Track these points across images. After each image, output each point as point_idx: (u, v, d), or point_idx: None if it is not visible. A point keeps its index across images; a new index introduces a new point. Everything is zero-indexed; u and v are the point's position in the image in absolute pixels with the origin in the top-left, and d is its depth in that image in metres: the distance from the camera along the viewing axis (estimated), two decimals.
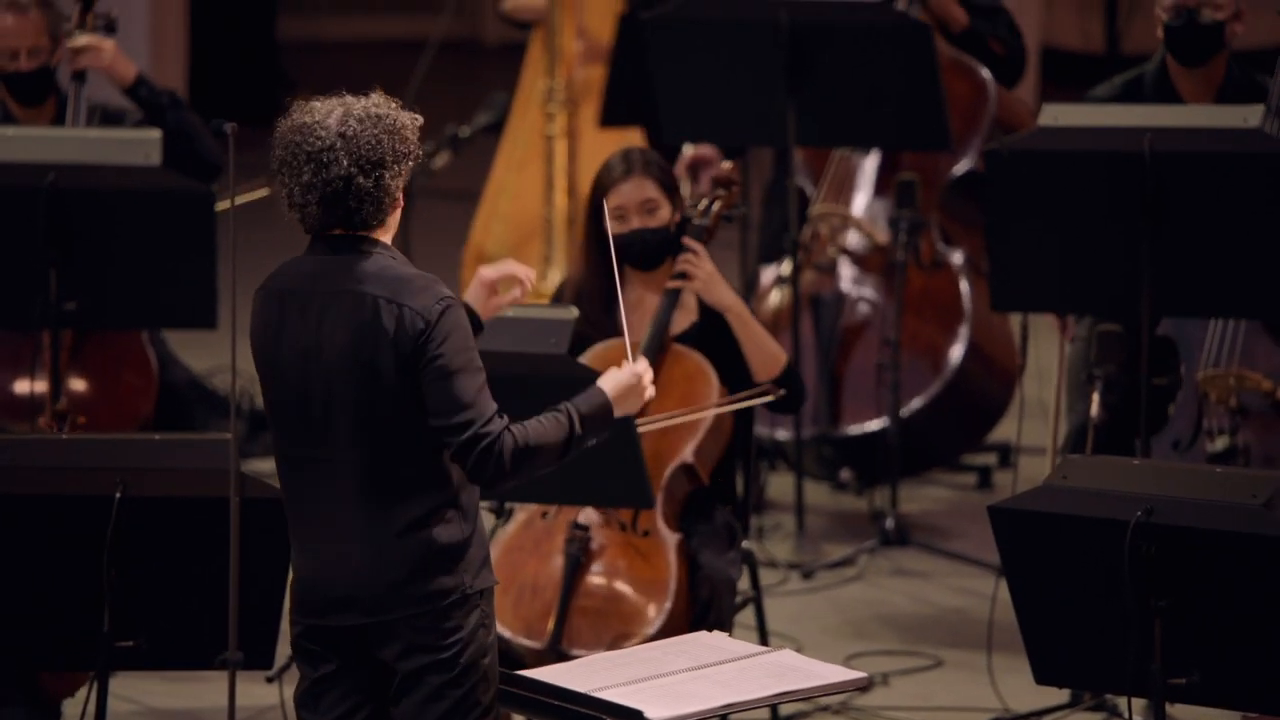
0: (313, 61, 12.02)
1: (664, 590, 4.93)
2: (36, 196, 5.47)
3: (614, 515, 4.98)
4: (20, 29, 5.84)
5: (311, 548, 3.92)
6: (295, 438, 3.91)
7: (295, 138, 3.88)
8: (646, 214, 5.11)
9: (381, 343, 3.84)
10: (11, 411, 5.79)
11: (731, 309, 5.10)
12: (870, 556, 6.36)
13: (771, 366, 5.10)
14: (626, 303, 5.17)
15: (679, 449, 5.03)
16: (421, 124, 3.95)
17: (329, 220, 3.88)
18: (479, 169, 7.89)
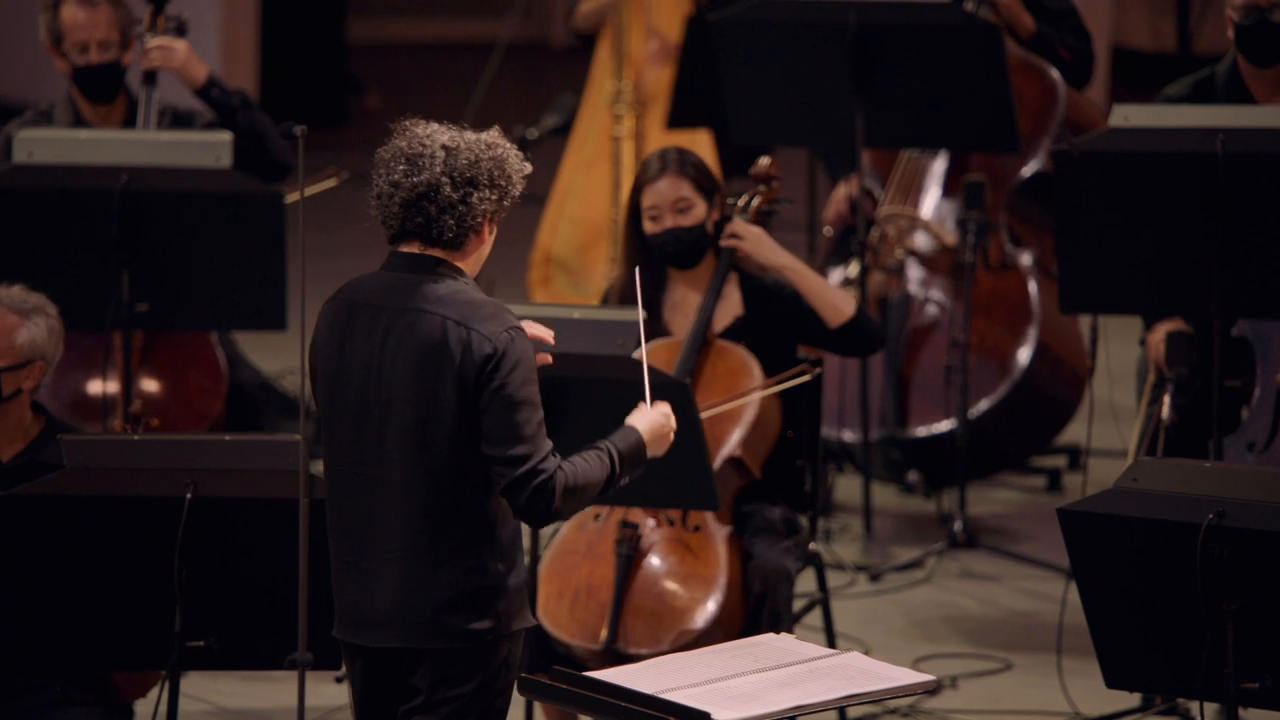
0: (381, 63, 12.08)
1: (714, 584, 4.93)
2: (109, 199, 5.51)
3: (663, 512, 4.99)
4: (91, 21, 5.89)
5: (351, 562, 3.90)
6: (347, 451, 3.89)
7: (401, 141, 3.89)
8: (679, 213, 5.13)
9: (446, 365, 3.82)
10: (84, 413, 5.83)
11: (787, 266, 5.12)
12: (938, 559, 6.34)
13: (843, 308, 5.11)
14: (669, 302, 5.20)
15: (724, 441, 5.04)
16: (529, 173, 3.94)
17: (407, 224, 3.86)
18: (546, 171, 7.90)
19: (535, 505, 3.83)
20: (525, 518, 3.88)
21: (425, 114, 4.00)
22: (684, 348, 5.08)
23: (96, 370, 5.83)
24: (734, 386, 5.07)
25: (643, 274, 5.15)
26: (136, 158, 5.59)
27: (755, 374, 5.08)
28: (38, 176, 5.58)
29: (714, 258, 5.18)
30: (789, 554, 5.03)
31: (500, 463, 3.83)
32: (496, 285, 8.21)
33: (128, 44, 6.00)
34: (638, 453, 3.97)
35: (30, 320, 4.74)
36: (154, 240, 5.54)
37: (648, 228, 5.15)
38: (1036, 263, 6.68)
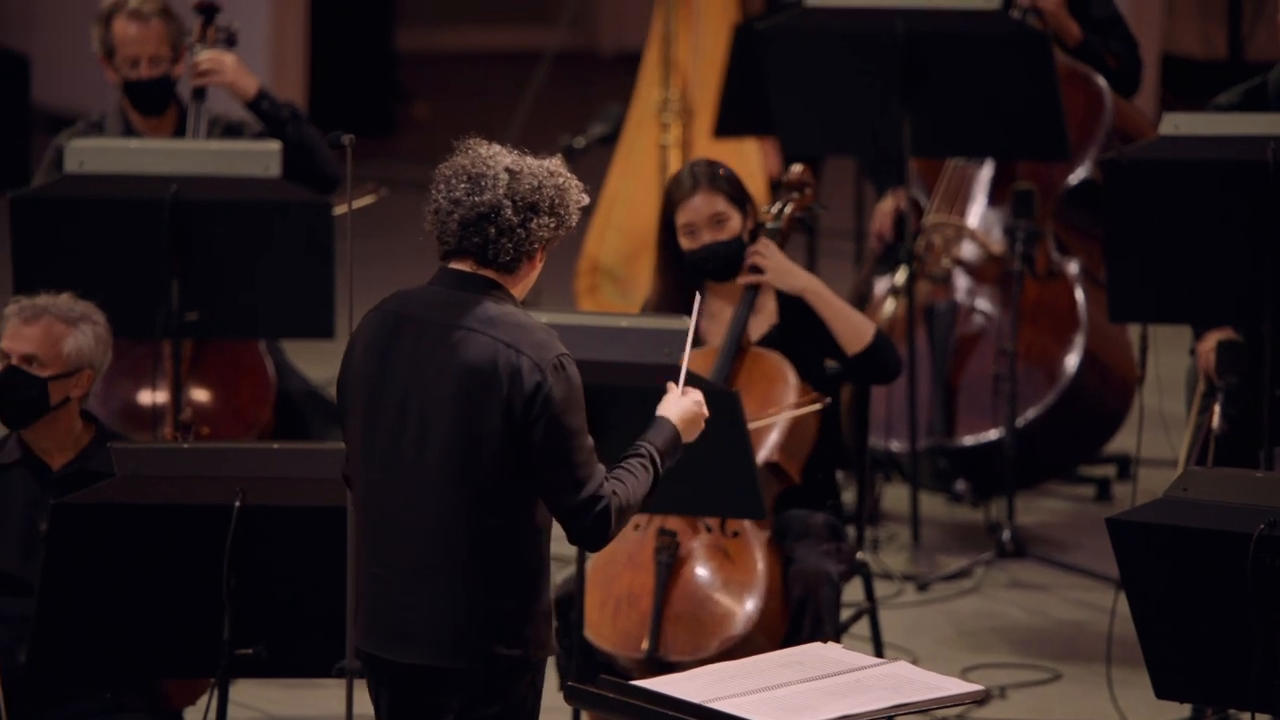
0: (430, 72, 12.10)
1: (754, 589, 4.93)
2: (159, 208, 5.54)
3: (701, 519, 4.99)
4: (142, 37, 5.92)
5: (382, 576, 3.88)
6: (381, 463, 3.86)
7: (464, 160, 3.87)
8: (716, 226, 5.13)
9: (494, 388, 3.80)
10: (134, 421, 5.86)
11: (807, 289, 5.11)
12: (986, 568, 6.32)
13: (862, 335, 5.10)
14: (706, 313, 5.20)
15: (760, 446, 5.03)
16: (584, 203, 3.93)
17: (464, 243, 3.84)
18: (594, 179, 7.89)
19: (596, 531, 3.82)
20: (584, 542, 3.87)
21: (472, 123, 4.01)
22: (719, 355, 5.08)
23: (146, 379, 5.85)
24: (769, 392, 5.07)
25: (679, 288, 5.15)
26: (186, 167, 5.62)
27: (790, 380, 5.08)
28: (89, 186, 5.61)
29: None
30: (830, 557, 5.02)
31: (559, 490, 3.81)
32: (543, 293, 8.23)
33: (178, 57, 6.03)
34: (674, 444, 3.96)
35: (77, 328, 4.76)
36: (203, 249, 5.56)
37: (684, 244, 5.16)
38: (1084, 271, 6.65)
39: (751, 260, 5.12)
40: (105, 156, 5.66)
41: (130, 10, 5.96)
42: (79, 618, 4.37)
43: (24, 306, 4.73)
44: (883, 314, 6.69)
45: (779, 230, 5.22)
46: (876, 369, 5.15)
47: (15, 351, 4.70)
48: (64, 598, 4.36)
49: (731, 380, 5.07)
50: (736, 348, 5.11)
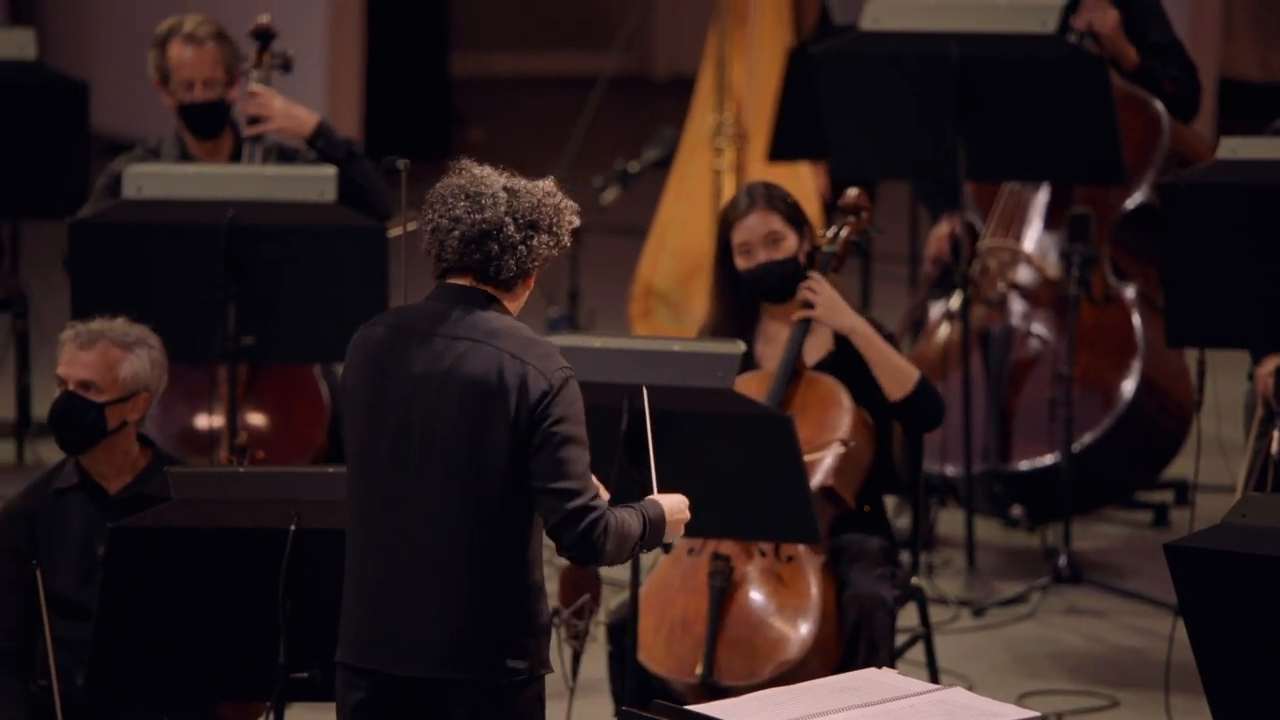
0: (484, 96, 12.14)
1: (808, 614, 4.92)
2: (215, 233, 5.57)
3: (755, 544, 4.98)
4: (197, 60, 5.96)
5: (383, 588, 3.86)
6: (385, 476, 3.85)
7: (460, 180, 3.89)
8: (771, 246, 5.13)
9: (499, 398, 3.80)
10: (190, 445, 5.88)
11: (854, 330, 5.10)
12: (1043, 594, 6.29)
13: (904, 383, 5.09)
14: (762, 337, 5.20)
15: (814, 471, 5.02)
16: (577, 225, 3.95)
17: (464, 260, 3.85)
18: (647, 204, 7.92)
19: (586, 541, 3.81)
20: (573, 553, 3.85)
21: (526, 147, 4.03)
22: (774, 379, 5.07)
23: (202, 403, 5.88)
24: (824, 416, 5.06)
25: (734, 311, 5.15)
26: (242, 192, 5.65)
27: (845, 403, 5.07)
28: (146, 211, 5.64)
29: None
30: (885, 582, 5.01)
31: (552, 496, 3.81)
32: (597, 316, 8.24)
33: (233, 81, 6.06)
34: (658, 527, 3.96)
35: (133, 353, 4.78)
36: (259, 273, 5.58)
37: (739, 263, 5.16)
38: (1140, 295, 6.62)
39: (803, 295, 5.12)
40: (162, 182, 5.69)
41: (185, 34, 6.00)
42: (136, 641, 4.38)
43: (80, 332, 4.76)
44: (937, 339, 6.67)
45: (834, 254, 5.21)
46: (917, 417, 5.13)
47: (72, 377, 4.72)
48: (121, 621, 4.38)
49: (786, 404, 5.06)
50: (792, 372, 5.10)
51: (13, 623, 4.70)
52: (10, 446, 7.05)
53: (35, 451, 7.00)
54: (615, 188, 7.68)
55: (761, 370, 5.15)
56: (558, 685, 5.04)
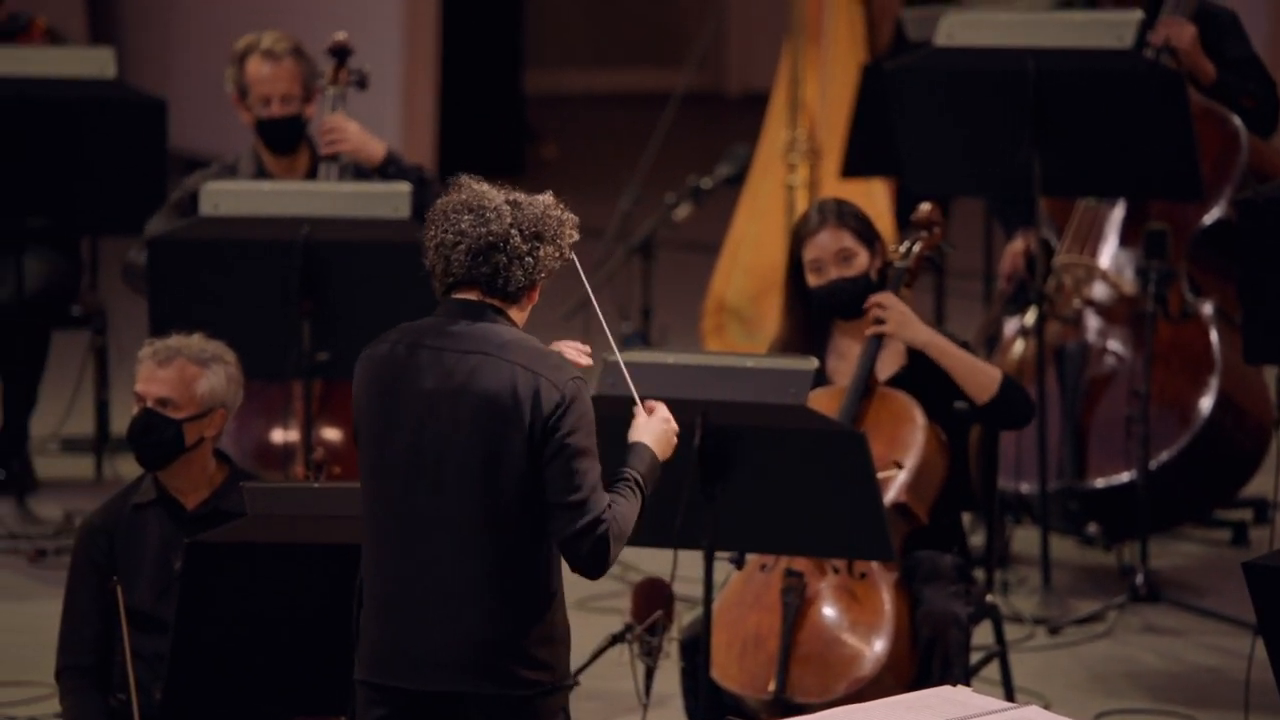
0: (558, 113, 12.17)
1: (881, 631, 4.90)
2: (291, 249, 5.60)
3: (828, 560, 4.96)
4: (275, 76, 6.01)
5: (405, 606, 3.86)
6: (398, 491, 3.86)
7: (461, 195, 3.89)
8: (843, 263, 5.12)
9: (515, 410, 3.81)
10: (266, 460, 5.91)
11: (928, 344, 5.09)
12: (1119, 612, 6.24)
13: (988, 385, 5.07)
14: (834, 353, 5.19)
15: (888, 487, 5.00)
16: (576, 236, 3.94)
17: (471, 274, 3.86)
18: (720, 220, 7.91)
19: (596, 556, 3.82)
20: (583, 568, 3.85)
21: (599, 163, 4.04)
22: (847, 394, 5.06)
23: (278, 419, 5.91)
24: (898, 432, 5.04)
25: (805, 327, 5.15)
26: (318, 209, 5.68)
27: (919, 420, 5.05)
28: (222, 228, 5.68)
29: None
30: (958, 599, 4.98)
31: (563, 511, 3.81)
32: (670, 333, 8.23)
33: (310, 97, 6.10)
34: (654, 467, 3.95)
35: (209, 369, 4.81)
36: (334, 290, 5.61)
37: (811, 280, 5.15)
38: (1218, 311, 6.57)
39: (873, 312, 5.10)
40: (239, 199, 5.73)
41: (263, 50, 6.05)
42: (212, 655, 4.40)
43: (158, 349, 4.79)
44: (1012, 355, 6.63)
45: (907, 269, 5.20)
46: (1006, 417, 5.13)
47: (150, 394, 4.75)
48: (197, 636, 4.40)
49: (859, 420, 5.05)
50: (864, 388, 5.08)
51: (92, 637, 4.73)
52: (89, 462, 7.10)
53: (114, 467, 7.05)
54: (688, 204, 7.68)
55: (834, 386, 5.13)
56: (630, 701, 5.04)
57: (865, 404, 5.06)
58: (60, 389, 7.10)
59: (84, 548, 4.80)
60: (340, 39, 6.19)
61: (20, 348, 6.70)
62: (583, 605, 6.13)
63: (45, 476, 7.03)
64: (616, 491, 3.89)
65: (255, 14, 9.50)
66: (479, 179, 3.94)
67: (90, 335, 7.04)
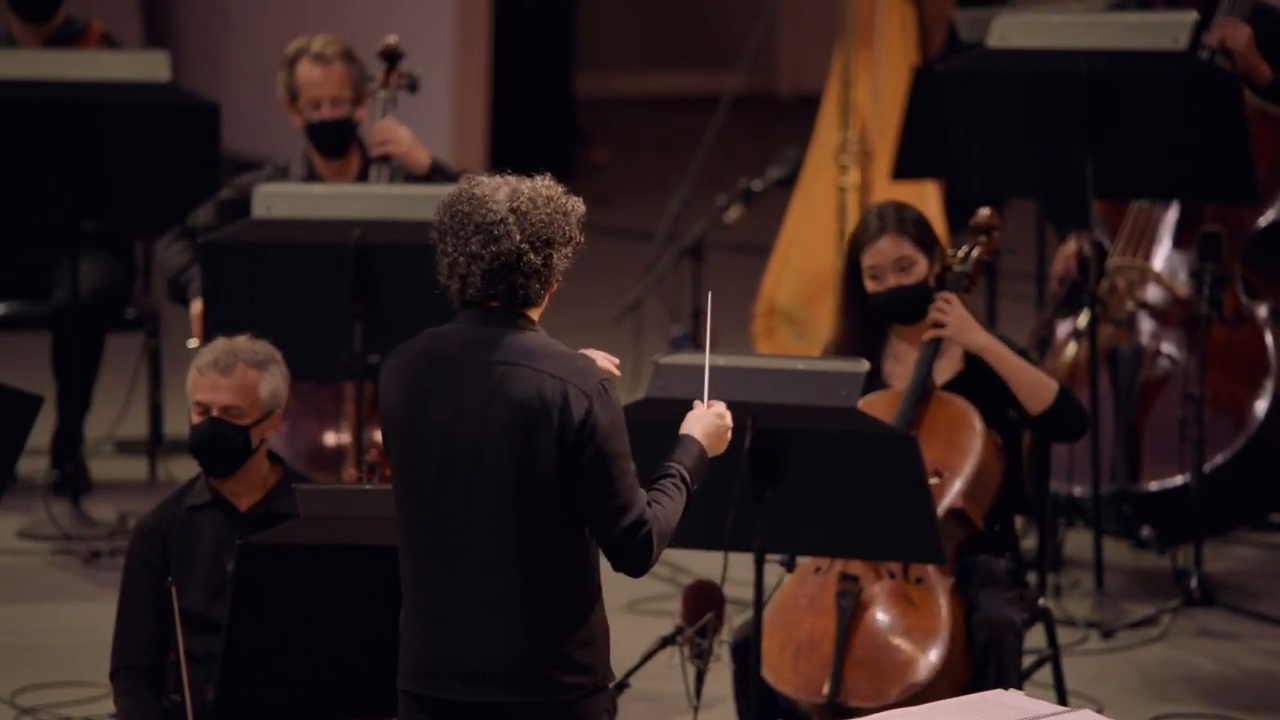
0: (609, 117, 12.17)
1: (937, 637, 4.88)
2: (343, 252, 5.61)
3: (884, 564, 4.95)
4: (325, 79, 6.03)
5: (438, 615, 3.86)
6: (432, 503, 3.86)
7: (464, 207, 3.86)
8: (901, 271, 5.10)
9: (544, 418, 3.81)
10: (318, 463, 5.93)
11: (986, 349, 5.07)
12: (1173, 616, 6.21)
13: (1043, 395, 5.05)
14: (891, 356, 5.17)
15: (944, 493, 4.98)
16: (583, 213, 3.92)
17: (489, 292, 3.85)
18: (771, 222, 7.90)
19: (638, 558, 3.82)
20: (626, 569, 3.85)
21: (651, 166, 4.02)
22: (904, 399, 5.05)
23: (330, 421, 5.92)
24: (955, 437, 5.03)
25: (860, 331, 5.13)
26: (370, 211, 5.69)
27: (976, 425, 5.03)
28: (276, 230, 5.70)
29: None
30: (1014, 605, 4.96)
31: (604, 517, 3.81)
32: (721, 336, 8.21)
33: (360, 100, 6.12)
34: (702, 462, 3.94)
35: (268, 371, 4.83)
36: (385, 292, 5.62)
37: (869, 286, 5.14)
38: (1273, 314, 6.53)
39: (933, 315, 5.08)
40: (292, 201, 5.74)
41: (313, 54, 6.07)
42: (264, 657, 4.42)
43: (217, 357, 4.79)
44: (1064, 358, 6.60)
45: (966, 274, 5.18)
46: (1059, 428, 5.12)
47: (216, 403, 4.76)
48: (250, 637, 4.42)
49: (916, 425, 5.03)
50: (922, 392, 5.07)
51: (146, 638, 4.75)
52: (143, 464, 7.13)
53: (168, 469, 7.08)
54: (739, 206, 7.67)
55: (891, 390, 5.12)
56: (681, 704, 5.03)
57: (922, 408, 5.05)
58: (114, 391, 7.14)
59: (138, 549, 4.82)
60: (391, 42, 6.20)
61: (75, 350, 6.74)
62: (633, 608, 6.13)
63: (99, 478, 7.07)
64: (660, 489, 3.89)
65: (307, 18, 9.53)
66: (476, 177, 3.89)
67: (144, 338, 7.07)
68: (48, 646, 5.97)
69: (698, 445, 3.95)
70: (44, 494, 6.76)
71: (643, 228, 9.06)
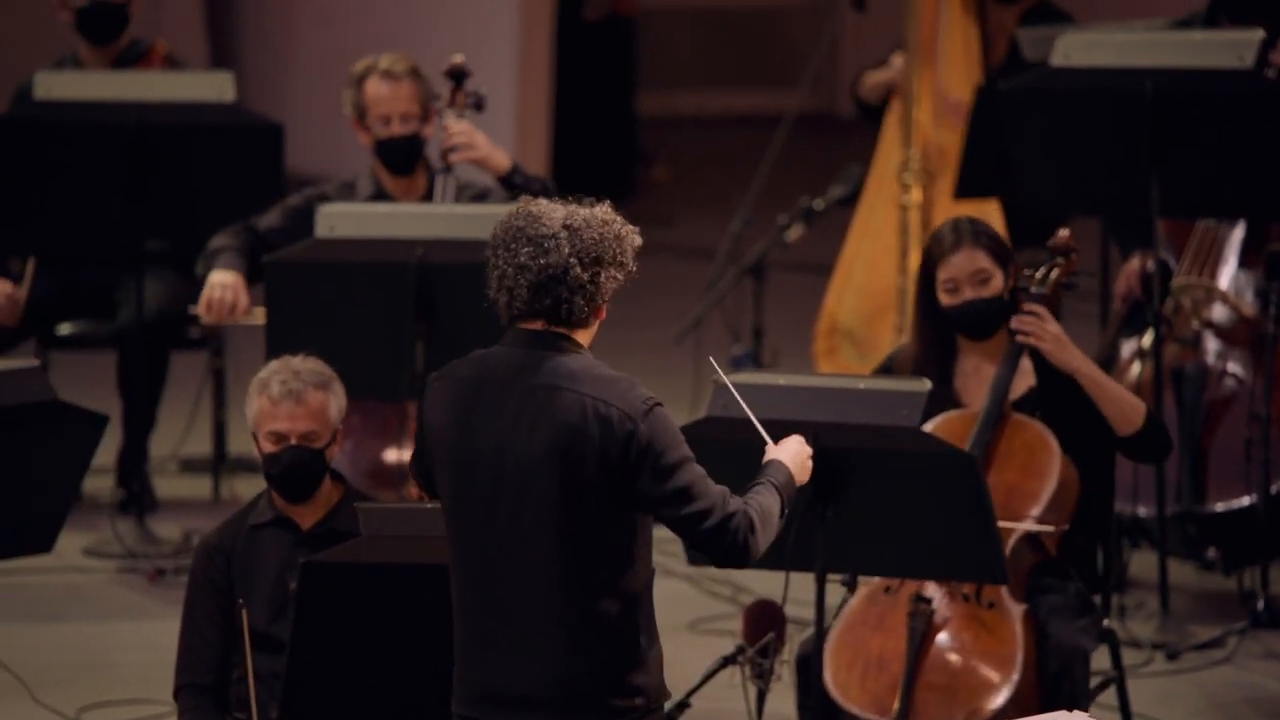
0: (671, 135, 12.18)
1: (1011, 663, 4.85)
2: (405, 271, 5.63)
3: (958, 587, 4.92)
4: (394, 95, 6.05)
5: (489, 640, 3.86)
6: (480, 528, 3.86)
7: (518, 222, 3.87)
8: (979, 284, 5.08)
9: (587, 441, 3.80)
10: (380, 481, 5.95)
11: (1080, 370, 5.03)
12: (1240, 638, 6.16)
13: (1133, 418, 5.02)
14: (961, 371, 5.14)
15: (1021, 518, 4.95)
16: (640, 245, 3.92)
17: (535, 307, 3.85)
18: (832, 241, 7.89)
19: (735, 550, 3.82)
20: (729, 561, 3.85)
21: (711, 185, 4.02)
22: (980, 421, 5.02)
23: (392, 439, 5.94)
24: (1031, 461, 4.99)
25: (935, 344, 5.11)
26: (433, 231, 5.71)
27: (1053, 448, 4.99)
28: (339, 250, 5.72)
29: (1007, 327, 5.12)
30: (1086, 633, 4.93)
31: (689, 522, 3.82)
32: (781, 355, 8.21)
33: (428, 117, 6.14)
34: (792, 486, 3.95)
35: (332, 391, 4.85)
36: (447, 311, 5.63)
37: (944, 300, 5.11)
38: None
39: (1030, 328, 5.04)
40: (355, 221, 5.77)
41: (382, 70, 6.09)
42: (328, 675, 4.43)
43: (286, 383, 4.80)
44: (1129, 377, 6.57)
45: (1044, 295, 5.15)
46: (1147, 450, 5.09)
47: (295, 431, 4.79)
48: (313, 655, 4.43)
49: (993, 447, 5.00)
50: (999, 413, 5.03)
51: (210, 656, 4.77)
52: (207, 482, 7.17)
53: (231, 487, 7.11)
54: (800, 225, 7.66)
55: (966, 410, 5.09)
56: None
57: (998, 430, 5.01)
58: (179, 410, 7.17)
59: (202, 567, 4.84)
60: (457, 61, 6.23)
61: (140, 369, 6.78)
62: (694, 628, 6.12)
63: (164, 496, 7.10)
64: (753, 490, 3.90)
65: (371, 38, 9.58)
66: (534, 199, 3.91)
67: (208, 357, 7.10)
68: (112, 664, 6.00)
69: (785, 469, 3.96)
70: (109, 512, 6.80)
71: (704, 246, 9.06)
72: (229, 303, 5.97)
